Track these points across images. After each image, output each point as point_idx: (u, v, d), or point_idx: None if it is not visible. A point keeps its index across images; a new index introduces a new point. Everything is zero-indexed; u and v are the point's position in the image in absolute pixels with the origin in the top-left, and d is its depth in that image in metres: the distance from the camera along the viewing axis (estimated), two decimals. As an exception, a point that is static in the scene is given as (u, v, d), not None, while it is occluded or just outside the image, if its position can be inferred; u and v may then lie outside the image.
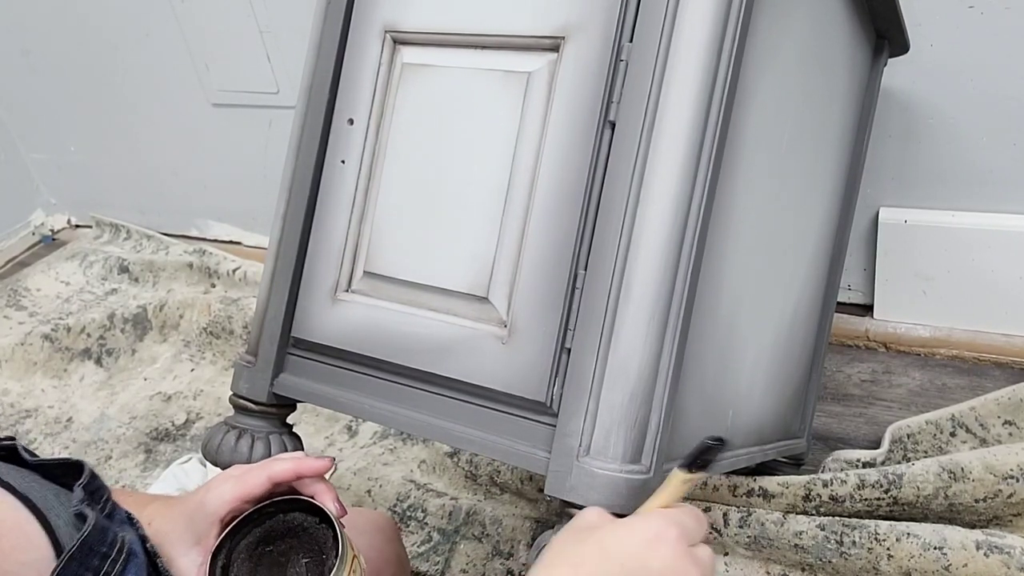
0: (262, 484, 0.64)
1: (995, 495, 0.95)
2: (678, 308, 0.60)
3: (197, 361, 1.61)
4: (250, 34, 1.62)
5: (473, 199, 0.67)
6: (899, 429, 1.13)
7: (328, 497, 0.65)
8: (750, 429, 0.88)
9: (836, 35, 0.90)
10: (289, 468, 0.65)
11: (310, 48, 0.76)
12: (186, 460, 1.28)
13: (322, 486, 0.66)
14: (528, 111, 0.66)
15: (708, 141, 0.60)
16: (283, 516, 0.66)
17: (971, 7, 1.10)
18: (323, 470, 0.66)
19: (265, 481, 0.64)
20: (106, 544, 0.56)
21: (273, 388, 0.76)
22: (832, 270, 1.09)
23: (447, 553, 1.10)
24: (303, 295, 0.75)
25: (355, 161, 0.73)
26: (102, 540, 0.56)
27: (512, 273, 0.65)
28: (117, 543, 0.56)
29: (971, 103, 1.16)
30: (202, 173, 1.92)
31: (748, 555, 1.02)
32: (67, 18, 1.85)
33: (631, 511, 0.59)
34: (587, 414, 0.60)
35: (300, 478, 0.65)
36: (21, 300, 1.89)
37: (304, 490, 0.66)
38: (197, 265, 1.81)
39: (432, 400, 0.69)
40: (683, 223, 0.60)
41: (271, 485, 0.65)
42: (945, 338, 1.29)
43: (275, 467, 0.65)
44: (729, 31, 0.60)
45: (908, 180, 1.25)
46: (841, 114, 0.99)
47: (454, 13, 0.69)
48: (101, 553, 0.55)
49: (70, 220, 2.24)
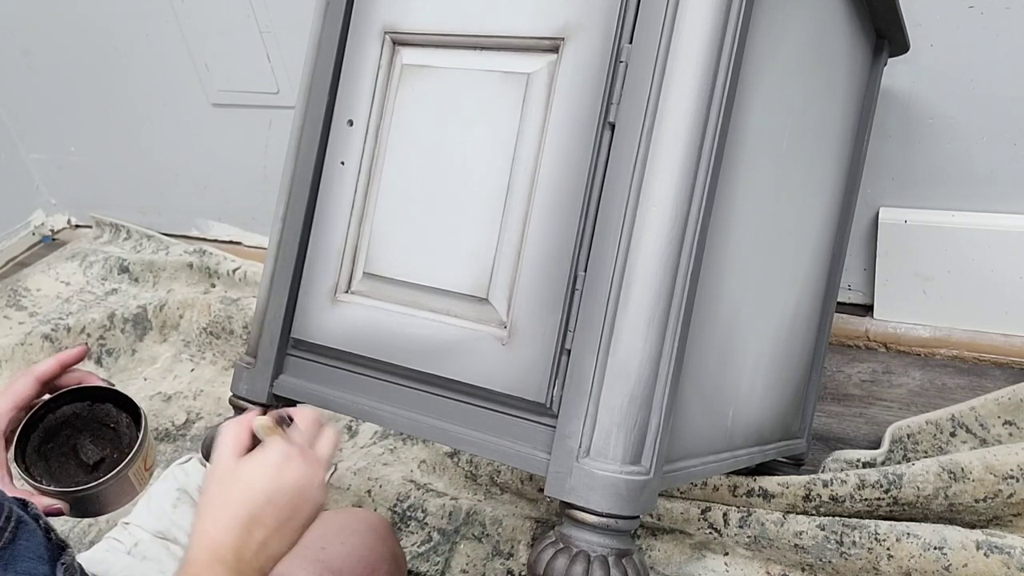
0: (31, 387, 0.69)
1: (995, 495, 0.95)
2: (678, 309, 0.60)
3: (197, 361, 1.61)
4: (250, 34, 1.62)
5: (473, 200, 0.67)
6: (899, 429, 1.13)
7: (93, 377, 0.72)
8: (750, 429, 0.88)
9: (836, 35, 0.90)
10: (51, 363, 0.70)
11: (310, 48, 0.76)
12: (186, 460, 1.28)
13: (85, 372, 0.72)
14: (528, 112, 0.66)
15: (708, 142, 0.60)
16: (52, 415, 0.72)
17: (971, 7, 1.10)
18: (81, 355, 0.72)
19: (33, 383, 0.69)
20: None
21: (273, 389, 0.76)
22: (832, 270, 1.09)
23: (447, 553, 1.10)
24: (303, 296, 0.75)
25: (355, 162, 0.73)
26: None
27: (512, 274, 0.65)
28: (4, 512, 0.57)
29: (971, 103, 1.16)
30: (202, 173, 1.92)
31: (748, 555, 1.02)
32: (67, 18, 1.85)
33: (631, 511, 0.59)
34: (587, 415, 0.60)
35: (64, 368, 0.71)
36: (21, 300, 1.89)
37: (71, 379, 0.71)
38: (197, 265, 1.81)
39: (432, 401, 0.69)
40: (683, 224, 0.60)
41: (40, 386, 0.70)
42: (945, 338, 1.29)
43: (38, 368, 0.70)
44: (729, 32, 0.60)
45: (908, 180, 1.25)
46: (841, 114, 0.99)
47: (454, 14, 0.69)
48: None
49: (70, 220, 2.24)
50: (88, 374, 0.73)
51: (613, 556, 0.59)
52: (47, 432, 0.72)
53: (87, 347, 0.74)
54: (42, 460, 0.71)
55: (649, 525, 1.07)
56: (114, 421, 0.74)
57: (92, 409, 0.74)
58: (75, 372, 0.72)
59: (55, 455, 0.72)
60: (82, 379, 0.72)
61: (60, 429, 0.72)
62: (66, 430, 0.73)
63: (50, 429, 0.72)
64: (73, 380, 0.72)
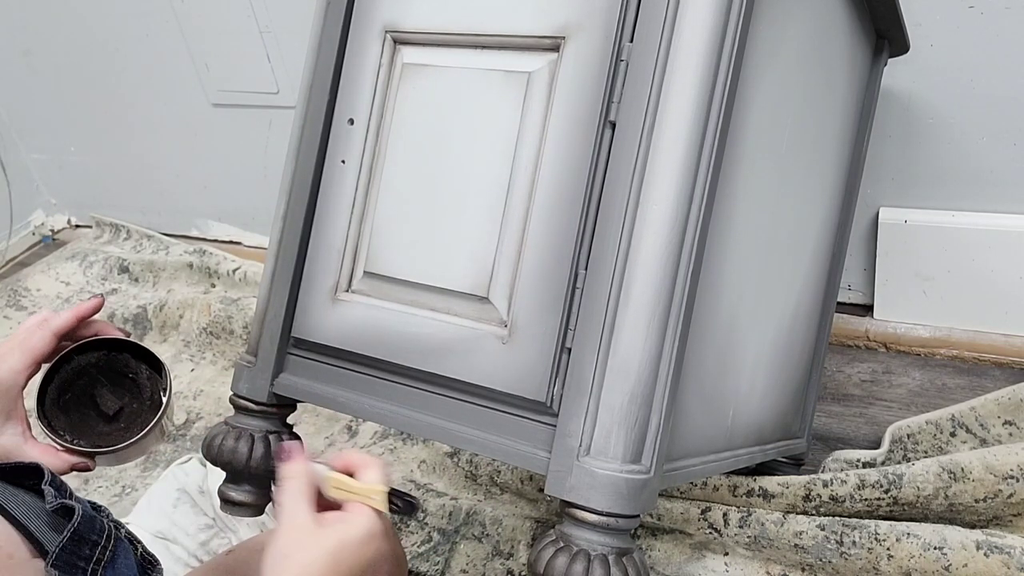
0: (47, 342, 0.69)
1: (995, 495, 0.95)
2: (678, 308, 0.60)
3: (197, 361, 1.61)
4: (250, 34, 1.62)
5: (473, 199, 0.67)
6: (899, 429, 1.13)
7: (111, 328, 0.72)
8: (750, 429, 0.88)
9: (836, 35, 0.90)
10: (67, 315, 0.70)
11: (310, 48, 0.76)
12: (186, 460, 1.28)
13: (102, 323, 0.72)
14: (528, 111, 0.66)
15: (708, 141, 0.60)
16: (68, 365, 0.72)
17: (971, 7, 1.10)
18: (98, 306, 0.72)
19: (50, 338, 0.69)
20: (95, 532, 0.57)
21: (273, 388, 0.76)
22: (832, 270, 1.09)
23: (447, 553, 1.10)
24: (303, 295, 0.75)
25: (355, 161, 0.73)
26: (91, 528, 0.57)
27: (512, 273, 0.65)
28: (105, 530, 0.58)
29: (971, 103, 1.16)
30: (202, 173, 1.92)
31: (748, 555, 1.02)
32: (67, 18, 1.85)
33: (632, 510, 0.59)
34: (587, 414, 0.60)
35: (81, 320, 0.70)
36: (21, 300, 1.89)
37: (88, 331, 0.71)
38: (197, 265, 1.81)
39: (432, 400, 0.69)
40: (683, 223, 0.60)
41: (56, 340, 0.69)
42: (945, 338, 1.29)
43: (54, 321, 0.69)
44: (729, 31, 0.60)
45: (908, 180, 1.25)
46: (841, 114, 0.99)
47: (454, 13, 0.69)
48: (92, 541, 0.56)
49: (70, 220, 2.24)
50: (106, 324, 0.72)
51: (613, 555, 0.59)
52: (64, 383, 0.72)
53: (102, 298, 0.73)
54: (62, 412, 0.71)
55: (649, 525, 1.07)
56: (132, 371, 0.74)
57: (109, 358, 0.74)
58: (92, 324, 0.72)
59: (74, 406, 0.72)
60: (99, 330, 0.72)
61: (77, 379, 0.72)
62: (82, 380, 0.73)
63: (67, 380, 0.72)
64: (90, 332, 0.72)
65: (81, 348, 0.72)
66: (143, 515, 1.08)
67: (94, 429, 0.72)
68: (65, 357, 0.71)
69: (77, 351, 0.72)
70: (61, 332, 0.70)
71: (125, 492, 1.31)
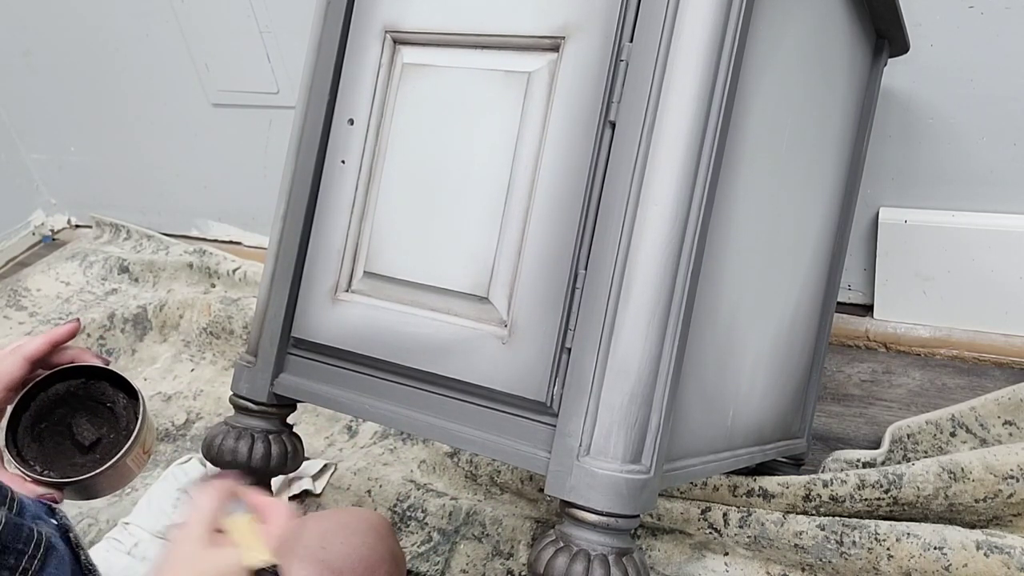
0: (19, 367, 0.65)
1: (995, 495, 0.95)
2: (678, 308, 0.60)
3: (197, 361, 1.61)
4: (250, 34, 1.62)
5: (473, 199, 0.67)
6: (899, 429, 1.13)
7: (88, 354, 0.68)
8: (750, 429, 0.88)
9: (836, 35, 0.90)
10: (40, 341, 0.67)
11: (310, 48, 0.76)
12: (186, 460, 1.28)
13: (78, 350, 0.68)
14: (528, 111, 0.66)
15: (708, 141, 0.60)
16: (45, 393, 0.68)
17: (971, 7, 1.10)
18: (73, 331, 0.68)
19: (22, 363, 0.65)
20: (21, 541, 0.55)
21: (273, 388, 0.76)
22: (832, 270, 1.09)
23: (447, 553, 1.10)
24: (303, 295, 0.75)
25: (355, 161, 0.73)
26: (16, 537, 0.55)
27: (512, 273, 0.65)
28: (34, 538, 0.56)
29: (971, 103, 1.16)
30: (202, 173, 1.92)
31: (748, 555, 1.02)
32: (67, 18, 1.85)
33: (632, 510, 0.59)
34: (587, 414, 0.60)
35: (54, 346, 0.67)
36: (21, 300, 1.89)
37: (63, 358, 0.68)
38: (197, 265, 1.81)
39: (432, 400, 0.69)
40: (683, 223, 0.60)
41: (29, 367, 0.66)
42: (945, 338, 1.29)
43: (27, 346, 0.66)
44: (729, 31, 0.60)
45: (908, 180, 1.25)
46: (841, 114, 0.99)
47: (454, 13, 0.69)
48: (17, 550, 0.55)
49: (70, 220, 2.24)
50: (82, 351, 0.69)
51: (613, 555, 0.59)
52: (40, 411, 0.69)
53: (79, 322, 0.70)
54: (35, 441, 0.68)
55: (649, 525, 1.07)
56: (110, 400, 0.71)
57: (87, 387, 0.70)
58: (68, 350, 0.68)
59: (49, 435, 0.69)
60: (75, 357, 0.69)
61: (54, 408, 0.69)
62: (60, 408, 0.69)
63: (43, 408, 0.69)
64: (66, 358, 0.69)
65: (61, 375, 0.69)
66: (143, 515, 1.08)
67: (68, 460, 0.69)
68: (41, 384, 0.68)
69: (54, 377, 0.68)
70: (34, 358, 0.66)
71: (125, 492, 1.31)
